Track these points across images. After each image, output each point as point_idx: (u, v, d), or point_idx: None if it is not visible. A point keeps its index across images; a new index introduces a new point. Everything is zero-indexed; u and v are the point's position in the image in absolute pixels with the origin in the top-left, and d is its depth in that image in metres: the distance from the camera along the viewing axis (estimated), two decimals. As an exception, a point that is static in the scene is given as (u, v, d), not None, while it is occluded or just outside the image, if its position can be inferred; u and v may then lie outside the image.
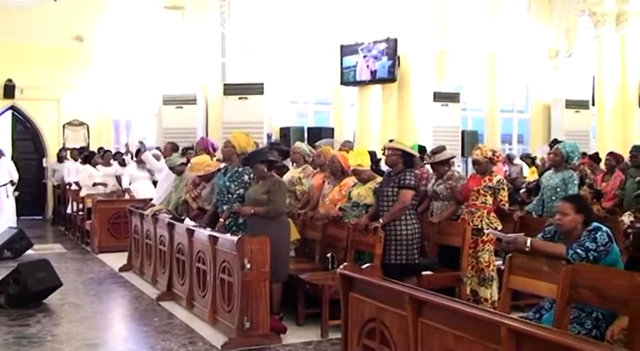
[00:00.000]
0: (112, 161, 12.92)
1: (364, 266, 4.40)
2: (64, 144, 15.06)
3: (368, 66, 13.16)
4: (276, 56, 14.81)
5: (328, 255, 6.65)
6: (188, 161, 8.52)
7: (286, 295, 6.29)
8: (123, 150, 13.81)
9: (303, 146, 8.26)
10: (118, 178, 12.49)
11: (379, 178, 6.70)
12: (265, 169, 6.29)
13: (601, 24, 16.50)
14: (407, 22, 12.61)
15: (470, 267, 6.59)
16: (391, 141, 7.48)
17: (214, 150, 8.51)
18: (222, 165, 7.63)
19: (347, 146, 8.23)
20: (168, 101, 14.49)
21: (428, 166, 7.71)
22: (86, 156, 13.41)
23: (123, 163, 12.88)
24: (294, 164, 8.13)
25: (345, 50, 13.88)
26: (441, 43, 15.59)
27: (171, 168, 8.51)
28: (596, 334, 4.31)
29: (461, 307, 3.33)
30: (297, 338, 5.91)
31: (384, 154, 6.64)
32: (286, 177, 7.84)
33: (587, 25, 17.27)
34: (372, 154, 7.56)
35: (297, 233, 7.06)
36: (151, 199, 9.32)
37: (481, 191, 6.64)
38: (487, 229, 6.34)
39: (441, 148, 7.31)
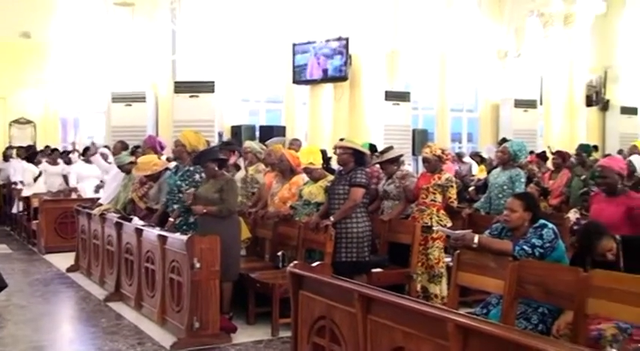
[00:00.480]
0: (59, 160, 12.68)
1: (314, 264, 4.40)
2: (9, 142, 14.71)
3: (320, 65, 13.17)
4: (227, 54, 14.71)
5: (279, 253, 6.63)
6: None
7: (236, 294, 6.25)
8: (70, 148, 13.55)
9: (253, 145, 8.22)
10: (65, 177, 12.25)
11: (330, 177, 6.72)
12: (216, 168, 6.24)
13: (549, 24, 16.81)
14: (359, 21, 12.67)
15: (420, 264, 6.65)
16: (342, 140, 7.50)
17: (162, 148, 8.41)
18: (172, 164, 7.54)
19: (295, 144, 8.22)
20: (118, 99, 14.26)
21: (378, 165, 7.74)
22: (30, 155, 13.12)
23: (68, 162, 12.64)
24: (247, 162, 8.09)
25: (297, 49, 13.87)
26: (392, 42, 15.69)
27: (119, 167, 8.38)
28: (542, 329, 4.38)
29: (409, 303, 3.35)
30: (247, 337, 5.89)
31: (335, 153, 6.65)
32: (239, 175, 7.80)
33: (536, 25, 17.57)
34: (323, 153, 7.57)
35: (248, 232, 7.03)
36: (99, 199, 9.17)
37: (431, 189, 6.71)
38: (437, 226, 6.40)
39: (389, 148, 7.37)
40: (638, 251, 4.34)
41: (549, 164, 10.20)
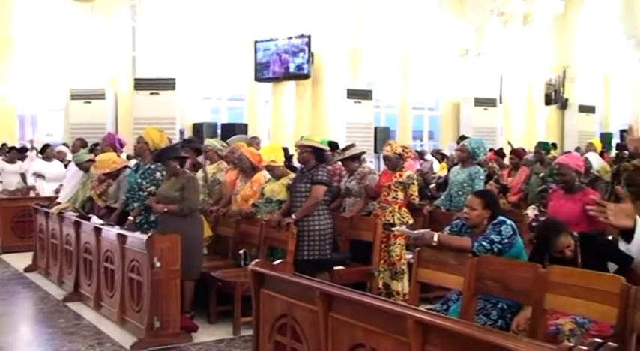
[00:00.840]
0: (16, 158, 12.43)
1: (276, 262, 4.39)
2: (-36, 140, 14.37)
3: (282, 62, 13.14)
4: (188, 51, 14.59)
5: (241, 251, 6.60)
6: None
7: (198, 293, 6.21)
8: (28, 146, 13.29)
9: (213, 143, 8.17)
10: (23, 176, 12.02)
11: (292, 175, 6.71)
12: (178, 166, 6.19)
13: (509, 24, 17.01)
14: (321, 19, 12.68)
15: (382, 261, 6.69)
16: (301, 138, 7.50)
17: (122, 146, 8.31)
18: (132, 162, 7.46)
19: (254, 142, 8.19)
20: (76, 96, 14.04)
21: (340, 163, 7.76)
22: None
23: (25, 160, 12.40)
24: (208, 161, 8.04)
25: (259, 46, 13.82)
26: (354, 40, 15.72)
27: (78, 165, 8.25)
28: (501, 325, 4.44)
29: (369, 300, 3.36)
30: (208, 336, 5.86)
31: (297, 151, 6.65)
32: (200, 174, 7.74)
33: (496, 24, 17.76)
34: (285, 150, 7.56)
35: (210, 230, 6.98)
36: (57, 197, 9.02)
37: (392, 187, 6.75)
38: (399, 223, 6.44)
39: (351, 146, 7.40)
40: (595, 247, 4.42)
41: (507, 161, 10.33)
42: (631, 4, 18.07)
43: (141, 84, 13.69)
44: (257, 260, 4.43)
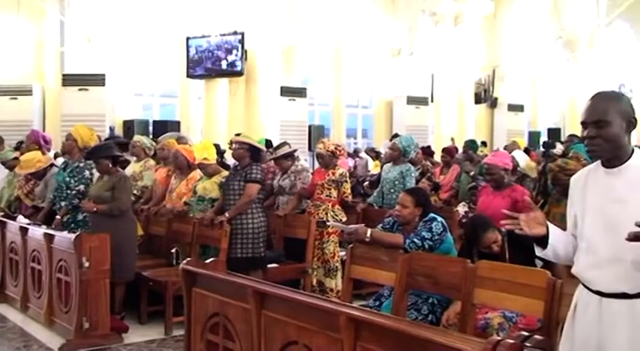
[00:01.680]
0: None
1: (208, 261, 4.34)
2: None
3: (215, 59, 13.02)
4: (119, 46, 14.29)
5: (173, 250, 6.51)
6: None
7: (128, 293, 6.11)
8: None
9: (143, 139, 8.04)
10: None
11: (225, 172, 6.67)
12: (110, 165, 6.07)
13: (440, 24, 17.25)
14: (254, 16, 12.61)
15: (316, 258, 6.71)
16: (238, 135, 7.46)
17: (47, 143, 8.09)
18: (60, 160, 7.28)
19: (182, 142, 8.10)
20: (2, 92, 13.58)
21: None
22: None
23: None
24: (135, 158, 7.90)
25: (191, 42, 13.65)
26: (288, 37, 15.70)
27: (2, 163, 8.00)
28: (432, 319, 4.52)
29: (302, 298, 3.36)
30: (139, 337, 5.78)
31: (230, 148, 6.60)
32: (128, 171, 7.60)
33: (428, 24, 17.98)
34: (217, 147, 7.50)
35: (141, 229, 6.87)
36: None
37: (325, 185, 6.78)
38: (331, 221, 6.47)
39: (283, 143, 7.39)
40: (522, 243, 4.52)
41: (437, 158, 10.50)
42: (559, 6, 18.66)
43: (69, 80, 13.33)
44: (188, 259, 4.38)
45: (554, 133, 18.97)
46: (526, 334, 2.54)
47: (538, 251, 2.82)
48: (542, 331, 3.60)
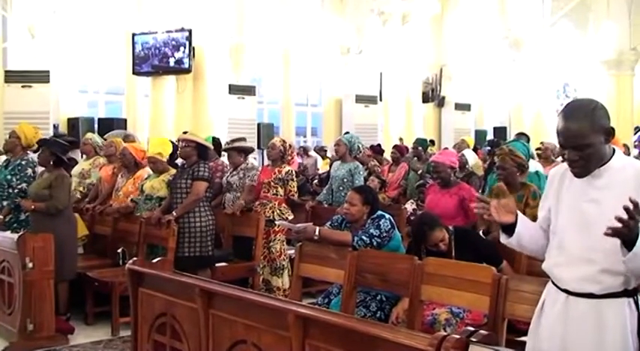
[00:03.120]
0: None
1: (155, 260, 4.30)
2: None
3: (161, 56, 12.85)
4: (63, 42, 13.98)
5: (119, 250, 6.42)
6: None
7: (75, 294, 6.01)
8: None
9: (95, 137, 7.92)
10: None
11: (173, 171, 6.60)
12: (52, 161, 5.96)
13: (388, 23, 17.38)
14: (202, 13, 12.48)
15: (262, 257, 6.69)
16: (185, 133, 7.39)
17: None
18: (2, 158, 7.11)
19: (129, 140, 8.00)
20: (-60, 88, 13.20)
21: (223, 159, 7.72)
22: None
23: None
24: (84, 156, 7.76)
25: (137, 39, 13.45)
26: (237, 35, 15.60)
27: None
28: (380, 316, 4.55)
29: (250, 296, 3.35)
30: (86, 338, 5.70)
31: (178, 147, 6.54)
32: (76, 169, 7.47)
33: (376, 23, 18.09)
34: (175, 146, 7.42)
35: (85, 229, 6.75)
36: None
37: (272, 183, 6.76)
38: (279, 219, 6.46)
39: (241, 138, 7.36)
40: (468, 240, 4.60)
41: (387, 157, 10.58)
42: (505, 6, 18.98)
43: (11, 76, 12.98)
44: (135, 259, 4.33)
45: (500, 132, 19.32)
46: (472, 329, 2.57)
47: (503, 239, 2.82)
48: (488, 326, 3.66)
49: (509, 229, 2.76)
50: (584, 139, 2.52)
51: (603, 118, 2.56)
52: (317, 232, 4.67)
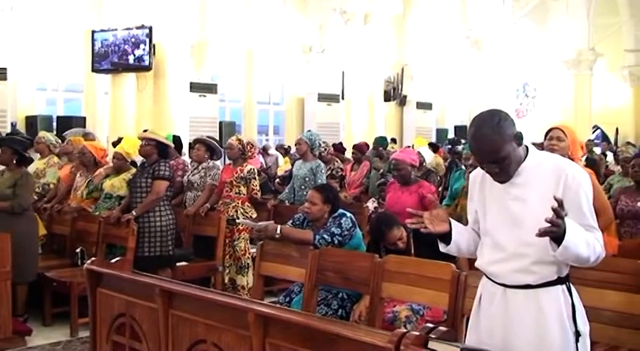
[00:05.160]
0: None
1: (114, 260, 4.25)
2: None
3: (121, 53, 12.68)
4: (21, 39, 13.75)
5: (78, 250, 6.33)
6: None
7: (32, 295, 5.92)
8: None
9: (48, 136, 7.80)
10: None
11: (134, 170, 6.55)
12: (14, 160, 5.86)
13: (350, 22, 17.41)
14: (163, 10, 12.35)
15: (227, 256, 6.67)
16: (146, 131, 7.33)
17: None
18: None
19: (88, 138, 7.91)
20: None
21: (185, 157, 7.67)
22: None
23: None
24: (39, 155, 7.64)
25: (97, 36, 13.25)
26: (198, 33, 15.49)
27: None
28: (342, 314, 4.56)
29: (209, 296, 3.33)
30: (44, 339, 5.62)
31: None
32: (31, 168, 7.33)
33: (338, 22, 18.12)
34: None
35: (44, 228, 6.65)
36: None
37: (234, 182, 6.74)
38: (242, 218, 6.44)
39: (217, 141, 7.36)
40: (427, 238, 4.63)
41: (348, 155, 10.61)
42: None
43: (-33, 74, 12.74)
44: (93, 259, 4.27)
45: (460, 131, 19.51)
46: (431, 326, 2.59)
47: (442, 247, 2.92)
48: (448, 323, 3.69)
49: (446, 237, 2.84)
50: (499, 153, 2.60)
51: (510, 127, 2.64)
52: (278, 231, 4.66)
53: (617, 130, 22.20)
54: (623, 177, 7.50)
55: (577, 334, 2.63)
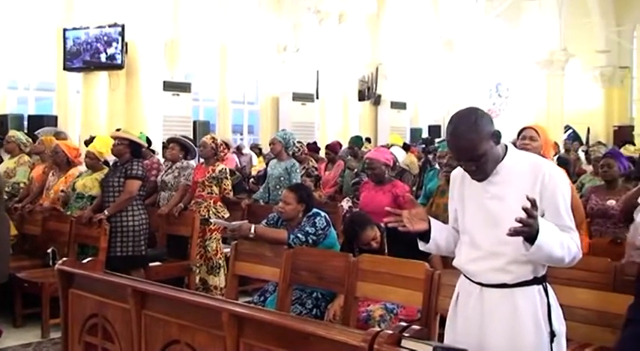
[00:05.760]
0: None
1: (86, 260, 4.20)
2: None
3: (93, 51, 12.56)
4: (-10, 37, 13.58)
5: (49, 250, 6.26)
6: None
7: (2, 296, 5.84)
8: None
9: (18, 135, 7.69)
10: None
11: (106, 169, 6.49)
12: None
13: (325, 21, 17.41)
14: (135, 8, 12.25)
15: (199, 256, 6.64)
16: (118, 130, 7.28)
17: None
18: None
19: (60, 137, 7.83)
20: None
21: (159, 157, 7.62)
22: None
23: None
24: (9, 155, 7.54)
25: (69, 34, 13.11)
26: (171, 31, 15.40)
27: None
28: (316, 313, 4.57)
29: (183, 296, 3.31)
30: (15, 341, 5.56)
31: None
32: (1, 168, 7.25)
33: (313, 21, 18.12)
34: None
35: (14, 229, 6.56)
36: None
37: (206, 182, 6.72)
38: (215, 218, 6.42)
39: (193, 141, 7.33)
40: (402, 236, 4.64)
41: (323, 155, 10.62)
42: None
43: (-64, 72, 12.55)
44: (64, 259, 4.22)
45: (434, 130, 19.63)
46: (404, 324, 2.60)
47: (421, 246, 2.91)
48: (421, 321, 3.71)
49: (425, 236, 2.84)
50: (477, 150, 2.61)
51: (488, 125, 2.64)
52: (252, 230, 4.65)
53: (588, 129, 22.46)
54: (594, 176, 7.58)
55: (552, 335, 2.63)
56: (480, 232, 2.73)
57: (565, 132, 21.48)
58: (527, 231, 2.43)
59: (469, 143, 2.60)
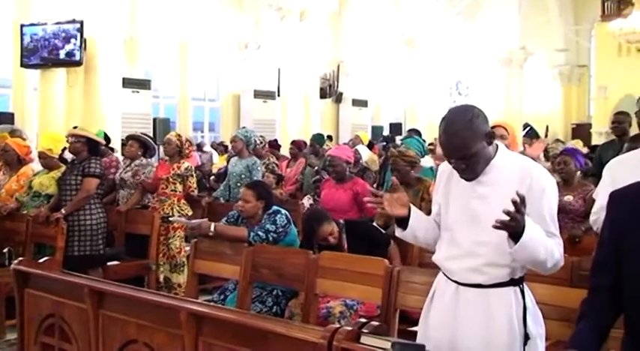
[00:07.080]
0: None
1: (42, 260, 4.14)
2: None
3: (51, 48, 12.35)
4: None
5: (5, 250, 6.13)
6: None
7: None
8: None
9: (-27, 133, 7.54)
10: None
11: (64, 167, 6.38)
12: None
13: (286, 18, 17.39)
14: (94, 4, 12.09)
15: (162, 254, 6.58)
16: (75, 127, 7.17)
17: None
18: None
19: (16, 135, 7.69)
20: None
21: (117, 154, 7.53)
22: None
23: None
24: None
25: (26, 30, 12.89)
26: (131, 28, 15.23)
27: None
28: (276, 311, 4.57)
29: (140, 295, 3.28)
30: (-32, 343, 5.43)
31: (68, 142, 6.33)
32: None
33: (274, 18, 18.07)
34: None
35: (-32, 229, 6.44)
36: None
37: (170, 179, 6.65)
38: (178, 216, 6.37)
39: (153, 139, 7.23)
40: (359, 231, 4.68)
41: (284, 152, 10.61)
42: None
43: None
44: (20, 258, 4.16)
45: (395, 128, 19.74)
46: (364, 320, 2.61)
47: (398, 232, 2.86)
48: (381, 318, 3.73)
49: (403, 222, 2.81)
50: (469, 149, 2.56)
51: (482, 125, 2.60)
52: (212, 228, 4.64)
53: (547, 127, 22.80)
54: (552, 173, 7.70)
55: (526, 337, 2.61)
56: (461, 231, 2.70)
57: (524, 130, 21.77)
58: (513, 226, 2.39)
59: (462, 142, 2.55)
